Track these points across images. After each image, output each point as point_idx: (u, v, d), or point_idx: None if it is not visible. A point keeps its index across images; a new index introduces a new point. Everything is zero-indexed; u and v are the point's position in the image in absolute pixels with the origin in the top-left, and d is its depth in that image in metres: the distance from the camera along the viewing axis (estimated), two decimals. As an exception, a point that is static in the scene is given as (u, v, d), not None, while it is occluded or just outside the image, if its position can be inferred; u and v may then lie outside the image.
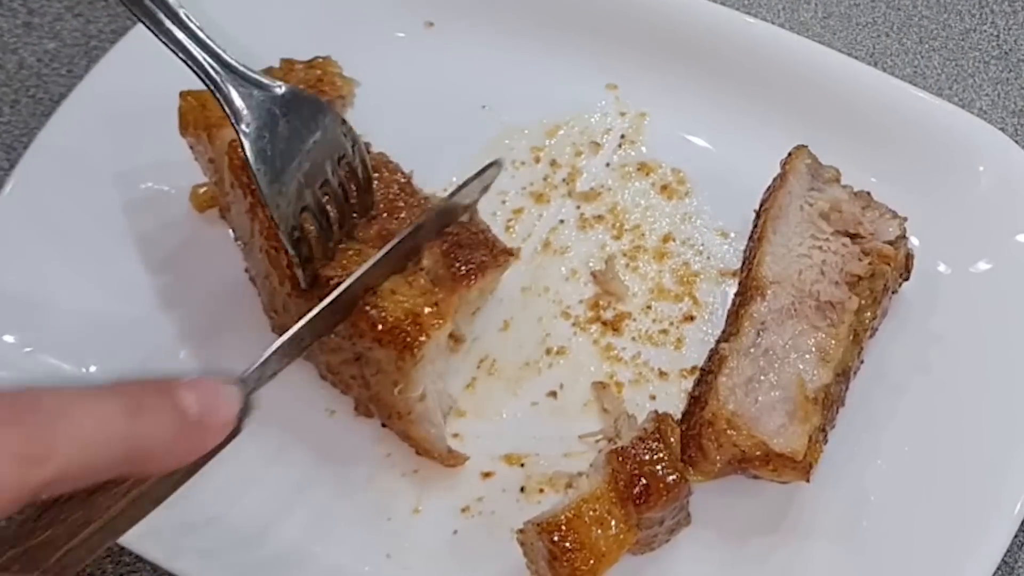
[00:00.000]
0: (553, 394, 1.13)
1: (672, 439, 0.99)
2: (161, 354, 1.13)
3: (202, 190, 1.19)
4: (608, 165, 1.27)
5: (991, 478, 1.05)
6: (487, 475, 1.09)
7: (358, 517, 1.07)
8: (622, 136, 1.29)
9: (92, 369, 1.12)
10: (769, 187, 1.17)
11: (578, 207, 1.25)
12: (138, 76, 1.21)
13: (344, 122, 1.01)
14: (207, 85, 0.94)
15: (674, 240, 1.22)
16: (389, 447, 1.10)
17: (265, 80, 0.96)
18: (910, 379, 1.12)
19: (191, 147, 1.12)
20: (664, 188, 1.25)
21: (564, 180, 1.26)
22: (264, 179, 0.94)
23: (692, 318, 1.18)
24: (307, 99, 0.99)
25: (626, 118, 1.30)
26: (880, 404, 1.10)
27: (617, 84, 1.32)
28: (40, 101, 1.36)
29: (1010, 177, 1.19)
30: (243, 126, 0.94)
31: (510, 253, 1.06)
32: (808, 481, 0.99)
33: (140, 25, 0.93)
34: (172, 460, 0.72)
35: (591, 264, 1.20)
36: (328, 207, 1.00)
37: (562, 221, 1.24)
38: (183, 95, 1.10)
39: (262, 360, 0.87)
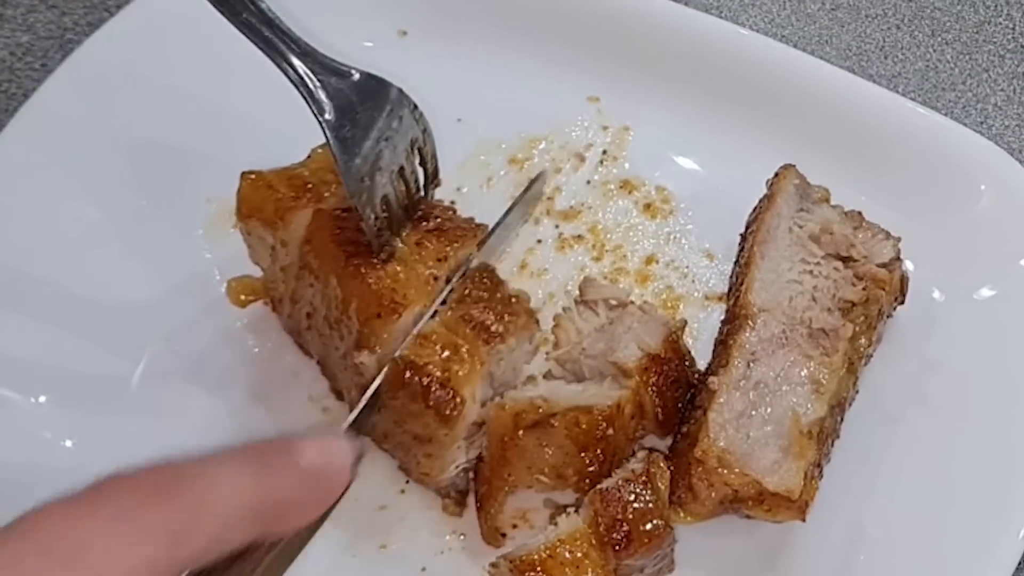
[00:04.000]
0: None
1: (661, 484, 0.94)
2: (114, 383, 1.09)
3: (234, 283, 1.11)
4: (589, 182, 1.22)
5: (992, 511, 1.01)
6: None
7: (321, 555, 1.02)
8: (604, 151, 1.24)
9: (42, 399, 1.07)
10: (755, 208, 1.11)
11: (557, 226, 1.19)
12: (113, 71, 1.19)
13: (416, 107, 0.98)
14: (290, 77, 0.92)
15: (657, 262, 1.17)
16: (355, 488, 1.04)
17: (341, 66, 0.94)
18: (905, 409, 1.07)
19: (247, 234, 1.05)
20: (647, 207, 1.20)
21: (543, 197, 1.21)
22: (347, 169, 0.92)
23: (676, 345, 1.12)
24: (381, 83, 0.96)
25: (608, 132, 1.25)
26: (875, 435, 1.06)
27: (599, 96, 1.26)
28: (13, 96, 1.30)
29: (1012, 197, 1.13)
30: (325, 116, 0.92)
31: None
32: (804, 520, 0.94)
33: (116, 17, 0.88)
34: (302, 516, 0.73)
35: (569, 287, 1.15)
36: (400, 195, 0.98)
37: (540, 241, 1.18)
38: (244, 176, 1.03)
39: (360, 408, 0.91)
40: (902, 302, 1.08)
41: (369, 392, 0.92)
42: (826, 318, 1.01)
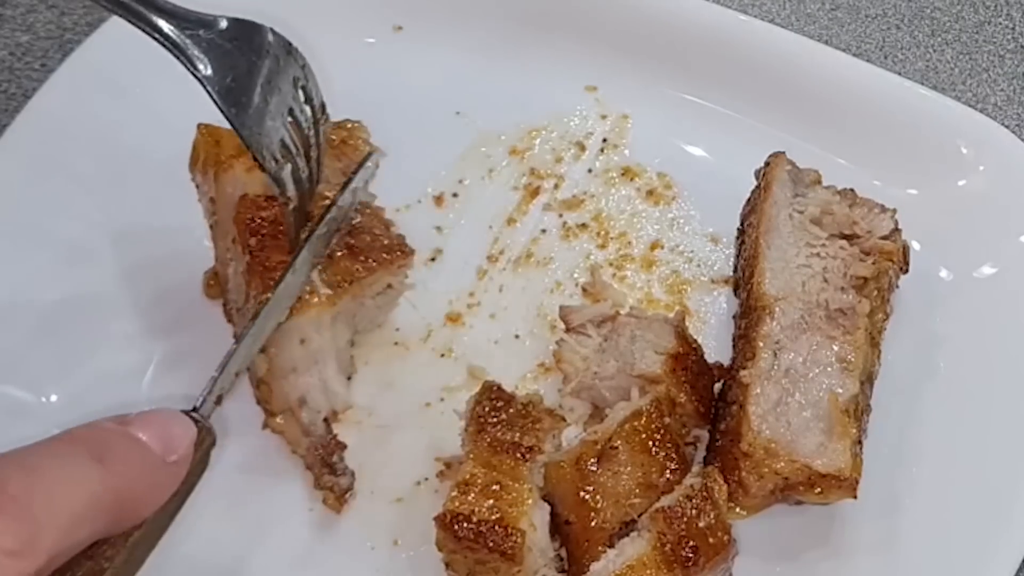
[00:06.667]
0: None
1: (720, 497, 0.94)
2: (124, 381, 1.08)
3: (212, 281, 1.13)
4: (590, 171, 1.22)
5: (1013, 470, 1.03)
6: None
7: (337, 548, 1.02)
8: (604, 140, 1.24)
9: (53, 399, 1.06)
10: (748, 201, 1.12)
11: (560, 216, 1.19)
12: (113, 71, 1.18)
13: (291, 45, 0.95)
14: (157, 39, 0.87)
15: (662, 247, 1.17)
16: (371, 480, 1.05)
17: (207, 16, 0.89)
18: (920, 381, 1.08)
19: (196, 185, 1.07)
20: (650, 193, 1.20)
21: (545, 188, 1.21)
22: (239, 121, 0.89)
23: (684, 329, 1.12)
24: (250, 26, 0.92)
25: (607, 121, 1.25)
26: (893, 407, 1.06)
27: (597, 85, 1.27)
28: (12, 96, 1.29)
29: (1013, 175, 1.14)
30: (203, 72, 0.87)
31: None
32: (856, 497, 0.95)
33: (115, 17, 0.87)
34: (151, 502, 0.69)
35: (576, 275, 1.15)
36: (298, 136, 0.95)
37: (544, 231, 1.18)
38: (200, 128, 1.04)
39: (209, 387, 0.85)
40: (906, 271, 1.08)
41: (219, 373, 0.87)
42: (841, 297, 1.01)
